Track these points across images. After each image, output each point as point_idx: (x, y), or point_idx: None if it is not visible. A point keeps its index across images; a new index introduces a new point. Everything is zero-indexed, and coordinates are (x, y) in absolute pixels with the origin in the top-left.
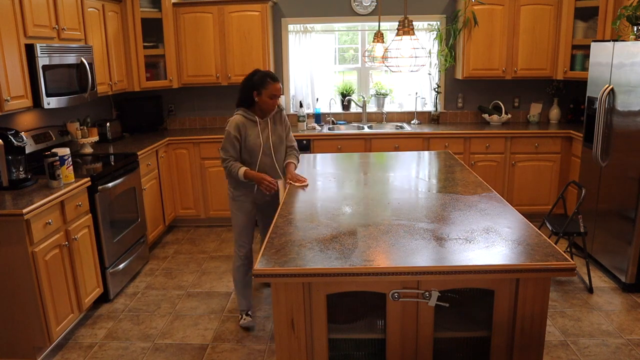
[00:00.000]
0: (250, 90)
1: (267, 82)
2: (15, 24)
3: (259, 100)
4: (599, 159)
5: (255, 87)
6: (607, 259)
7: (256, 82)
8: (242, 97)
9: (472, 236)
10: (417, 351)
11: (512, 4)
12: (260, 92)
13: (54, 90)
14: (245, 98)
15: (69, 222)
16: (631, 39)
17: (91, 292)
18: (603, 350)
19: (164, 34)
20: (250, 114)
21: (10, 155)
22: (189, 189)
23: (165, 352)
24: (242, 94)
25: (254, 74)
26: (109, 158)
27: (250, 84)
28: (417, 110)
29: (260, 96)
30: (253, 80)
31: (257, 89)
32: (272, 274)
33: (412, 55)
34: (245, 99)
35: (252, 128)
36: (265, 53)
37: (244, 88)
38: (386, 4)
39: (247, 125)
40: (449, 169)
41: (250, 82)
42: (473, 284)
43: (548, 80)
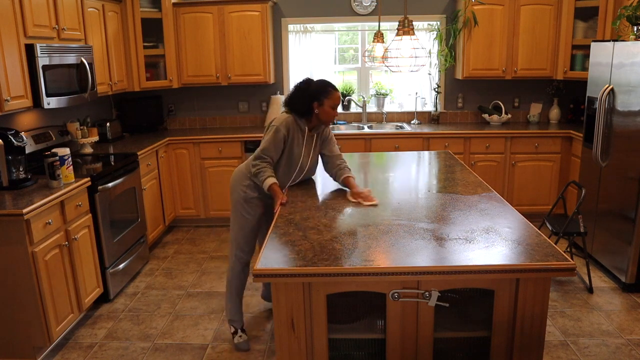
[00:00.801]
0: (309, 101)
1: (330, 91)
2: (15, 24)
3: (320, 112)
4: (599, 159)
5: (316, 96)
6: (607, 259)
7: (316, 91)
8: (298, 107)
9: (472, 236)
10: (417, 351)
11: (512, 4)
12: (322, 102)
13: (54, 90)
14: (303, 108)
15: (69, 222)
16: (631, 39)
17: (91, 292)
18: (603, 350)
19: (164, 34)
20: (301, 122)
21: (10, 155)
22: (189, 189)
23: (165, 352)
24: (299, 105)
25: (308, 82)
26: (109, 158)
27: (308, 94)
28: (417, 110)
29: (322, 107)
30: (311, 89)
31: (319, 98)
32: (272, 274)
33: (412, 55)
34: (302, 109)
35: (298, 137)
36: (265, 53)
37: (301, 98)
38: (386, 4)
39: (295, 132)
40: (449, 169)
41: (307, 91)
42: (473, 284)
43: (548, 80)
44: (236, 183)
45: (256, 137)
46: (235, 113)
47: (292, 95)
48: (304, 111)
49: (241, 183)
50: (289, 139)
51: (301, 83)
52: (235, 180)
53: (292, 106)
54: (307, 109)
